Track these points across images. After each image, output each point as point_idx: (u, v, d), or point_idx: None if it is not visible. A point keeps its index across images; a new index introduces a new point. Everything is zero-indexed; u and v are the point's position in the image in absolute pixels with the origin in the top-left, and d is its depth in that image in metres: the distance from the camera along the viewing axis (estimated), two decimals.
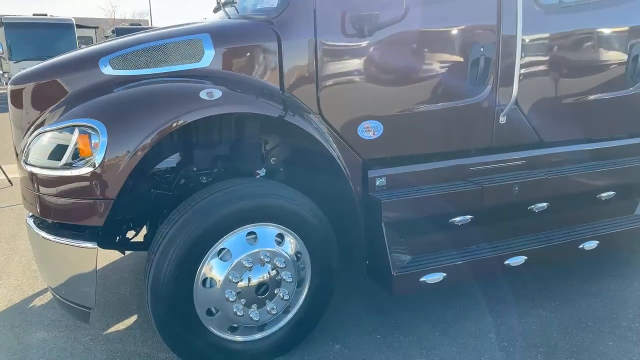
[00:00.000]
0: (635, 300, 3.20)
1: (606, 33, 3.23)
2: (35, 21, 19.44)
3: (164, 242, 2.32)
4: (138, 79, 2.39)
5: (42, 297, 3.47)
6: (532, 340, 2.78)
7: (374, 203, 2.75)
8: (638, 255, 3.79)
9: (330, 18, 2.57)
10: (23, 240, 4.49)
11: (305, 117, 2.59)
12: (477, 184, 2.92)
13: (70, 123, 2.26)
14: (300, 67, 2.60)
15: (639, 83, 3.37)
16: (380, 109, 2.78)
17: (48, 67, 2.64)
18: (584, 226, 3.24)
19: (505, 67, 2.90)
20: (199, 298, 2.38)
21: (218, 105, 2.29)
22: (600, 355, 2.64)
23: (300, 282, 2.63)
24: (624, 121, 3.46)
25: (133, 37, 2.65)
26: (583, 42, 3.16)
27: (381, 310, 3.13)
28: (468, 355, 2.67)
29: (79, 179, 2.28)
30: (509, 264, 2.92)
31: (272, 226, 2.49)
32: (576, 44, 3.14)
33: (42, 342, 2.90)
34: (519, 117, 3.05)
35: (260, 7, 2.73)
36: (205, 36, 2.48)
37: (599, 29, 3.20)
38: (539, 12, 2.96)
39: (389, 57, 2.72)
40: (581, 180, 3.18)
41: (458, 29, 2.84)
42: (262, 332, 2.59)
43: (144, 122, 2.24)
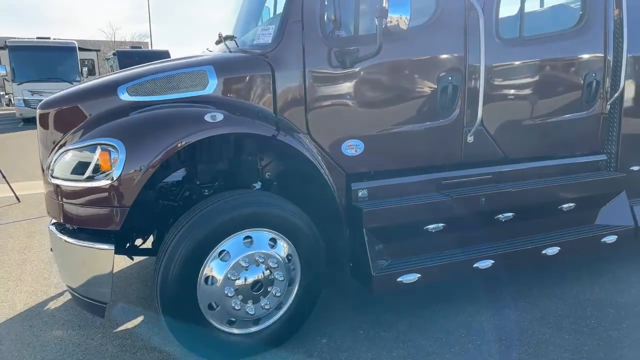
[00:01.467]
0: (593, 301, 3.54)
1: (562, 63, 3.66)
2: (38, 44, 19.99)
3: (172, 245, 2.67)
4: (152, 104, 2.78)
5: (55, 301, 3.79)
6: (498, 335, 3.12)
7: (356, 212, 3.12)
8: (598, 261, 4.14)
9: (316, 53, 2.98)
10: (34, 252, 4.82)
11: (295, 137, 2.98)
12: (447, 196, 3.30)
13: (93, 142, 2.64)
14: (291, 93, 3.00)
15: (593, 107, 3.78)
16: (361, 130, 3.17)
17: (71, 94, 3.03)
18: (547, 234, 3.60)
19: (471, 93, 3.31)
20: (201, 294, 2.72)
21: (220, 127, 2.68)
22: (557, 346, 2.98)
23: (291, 281, 2.98)
24: (581, 140, 3.86)
25: (147, 68, 3.05)
26: (541, 70, 3.58)
27: (365, 308, 3.47)
28: (440, 348, 3.00)
29: (99, 190, 2.65)
30: (477, 267, 3.27)
31: (266, 231, 2.85)
32: (534, 72, 3.56)
33: (59, 339, 3.22)
34: (484, 136, 3.45)
35: (257, 43, 3.15)
36: (209, 68, 2.90)
37: (556, 59, 3.62)
38: (500, 44, 3.38)
39: (368, 85, 3.13)
40: (543, 192, 3.56)
41: (429, 60, 3.26)
42: (257, 325, 2.92)
43: (157, 141, 2.62)
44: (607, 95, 3.81)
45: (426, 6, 3.31)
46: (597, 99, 3.76)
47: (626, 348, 2.95)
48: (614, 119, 3.91)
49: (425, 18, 3.29)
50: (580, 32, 3.69)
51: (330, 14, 3.02)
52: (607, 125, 3.91)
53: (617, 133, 3.92)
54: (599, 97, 3.77)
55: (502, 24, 3.42)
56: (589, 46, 3.72)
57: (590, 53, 3.72)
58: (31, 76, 18.62)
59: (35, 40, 20.77)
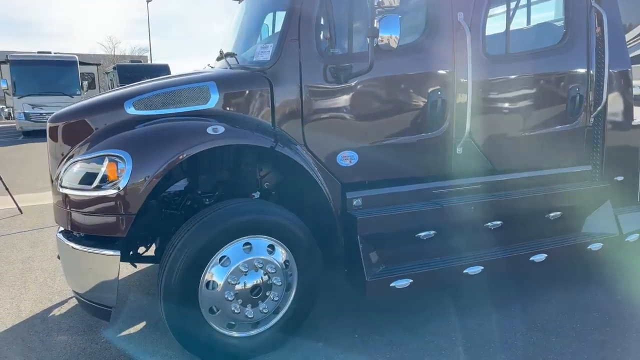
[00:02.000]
0: (580, 306, 3.67)
1: (547, 78, 3.84)
2: (39, 58, 20.27)
3: (175, 251, 2.81)
4: (157, 118, 2.94)
5: (59, 307, 3.90)
6: (487, 338, 3.24)
7: (351, 220, 3.27)
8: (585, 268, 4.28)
9: (312, 69, 3.16)
10: (37, 262, 4.94)
11: (292, 148, 3.13)
12: (438, 204, 3.45)
13: (101, 153, 2.79)
14: (289, 107, 3.17)
15: (578, 120, 3.96)
16: (355, 141, 3.33)
17: (80, 108, 3.20)
18: (535, 241, 3.74)
19: (459, 107, 3.48)
20: (203, 298, 2.85)
21: (221, 139, 2.84)
22: (543, 349, 3.11)
23: (289, 286, 3.11)
24: (567, 152, 4.02)
25: (153, 84, 3.22)
26: (526, 85, 3.75)
27: (360, 313, 3.60)
28: (432, 351, 3.13)
29: (107, 199, 2.79)
30: (467, 273, 3.41)
31: (264, 238, 2.99)
32: (520, 87, 3.73)
33: (63, 343, 3.33)
34: (473, 148, 3.61)
35: (256, 60, 3.32)
36: (211, 83, 3.07)
37: (541, 74, 3.80)
38: (487, 60, 3.56)
39: (361, 100, 3.30)
40: (530, 202, 3.71)
41: (419, 76, 3.43)
42: (256, 329, 3.05)
43: (161, 153, 2.77)
44: (590, 109, 3.98)
45: (417, 25, 3.51)
46: (581, 112, 3.94)
47: (609, 350, 3.08)
48: (598, 131, 4.08)
49: (416, 36, 3.48)
50: (564, 49, 3.88)
51: (326, 33, 3.20)
52: (592, 137, 4.08)
53: (601, 145, 4.08)
54: (583, 110, 3.95)
55: (489, 42, 3.61)
56: (573, 62, 3.90)
57: (574, 68, 3.90)
58: (32, 90, 18.86)
59: (36, 54, 21.07)
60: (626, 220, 4.07)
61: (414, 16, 3.68)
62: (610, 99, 3.98)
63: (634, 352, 3.05)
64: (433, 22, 3.42)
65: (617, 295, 3.84)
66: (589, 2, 3.90)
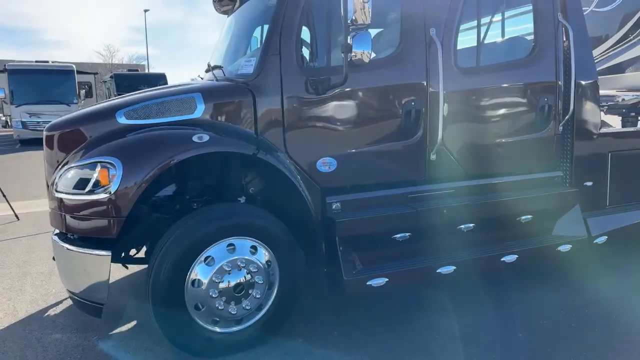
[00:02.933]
0: (548, 305, 3.87)
1: (516, 88, 4.08)
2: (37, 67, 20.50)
3: (162, 251, 3.01)
4: (147, 127, 3.15)
5: (55, 308, 4.08)
6: (459, 335, 3.43)
7: (330, 222, 3.47)
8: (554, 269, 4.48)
9: (293, 81, 3.38)
10: (34, 266, 5.12)
11: (274, 155, 3.35)
12: (413, 208, 3.66)
13: (94, 160, 3.00)
14: (271, 117, 3.38)
15: (547, 128, 4.19)
16: (334, 149, 3.54)
17: (75, 118, 3.41)
18: (506, 243, 3.95)
19: (432, 116, 3.71)
20: (188, 295, 3.05)
21: (206, 146, 3.05)
22: (510, 344, 3.30)
23: (271, 285, 3.31)
24: (538, 158, 4.24)
25: (143, 95, 3.44)
26: (497, 95, 3.99)
27: (341, 312, 3.79)
28: (406, 346, 3.31)
29: (99, 203, 2.99)
30: (440, 272, 3.61)
31: (247, 239, 3.19)
32: (491, 97, 3.96)
33: (58, 341, 3.51)
34: (446, 154, 3.83)
35: (240, 73, 3.55)
36: (197, 95, 3.29)
37: (510, 85, 4.04)
38: (458, 73, 3.79)
39: (340, 110, 3.52)
40: (501, 205, 3.92)
41: (394, 87, 3.66)
42: (239, 325, 3.23)
43: (150, 159, 2.98)
44: (559, 118, 4.21)
45: (392, 40, 3.74)
46: (550, 121, 4.17)
47: (570, 342, 3.28)
48: (566, 139, 4.31)
49: (391, 50, 3.71)
50: (533, 61, 4.12)
51: (305, 48, 3.43)
52: (561, 144, 4.31)
53: (570, 152, 4.31)
54: (552, 119, 4.18)
55: (461, 55, 3.84)
56: (541, 73, 4.14)
57: (543, 80, 4.14)
58: (29, 99, 19.08)
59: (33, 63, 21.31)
60: (595, 223, 4.29)
61: (390, 31, 3.93)
62: (577, 109, 4.22)
63: (590, 344, 3.26)
64: (407, 37, 3.66)
65: (584, 294, 4.04)
66: (556, 17, 4.14)
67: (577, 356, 3.14)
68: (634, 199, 4.63)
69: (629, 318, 3.62)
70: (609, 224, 4.37)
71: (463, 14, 3.83)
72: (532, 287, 4.20)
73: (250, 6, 4.03)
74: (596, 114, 4.38)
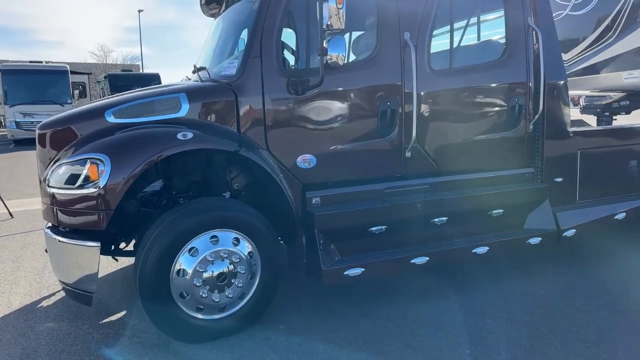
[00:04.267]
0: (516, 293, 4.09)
1: (488, 89, 4.29)
2: (31, 68, 20.59)
3: (149, 242, 3.20)
4: (134, 125, 3.34)
5: (47, 300, 4.26)
6: (430, 320, 3.64)
7: (309, 216, 3.67)
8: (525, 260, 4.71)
9: (273, 82, 3.57)
10: (27, 261, 5.28)
11: (256, 152, 3.54)
12: (389, 202, 3.86)
13: (84, 156, 3.18)
14: (252, 116, 3.58)
15: (518, 127, 4.40)
16: (313, 146, 3.73)
17: (66, 117, 3.59)
18: (478, 236, 4.16)
19: (407, 116, 3.91)
20: (174, 284, 3.23)
21: (189, 144, 3.24)
22: (477, 329, 3.51)
23: (253, 275, 3.50)
24: (509, 156, 4.44)
25: (131, 95, 3.63)
26: (469, 96, 4.19)
27: (320, 300, 3.99)
28: (380, 331, 3.51)
29: (88, 197, 3.18)
30: (414, 263, 3.81)
31: (230, 232, 3.38)
32: (464, 97, 4.17)
33: (51, 329, 3.69)
34: (420, 152, 4.03)
35: (223, 74, 3.74)
36: (182, 95, 3.48)
37: (482, 86, 4.25)
38: (431, 74, 4.00)
39: (319, 109, 3.71)
40: (473, 200, 4.13)
41: (371, 88, 3.86)
42: (223, 312, 3.42)
43: (136, 156, 3.17)
44: (530, 117, 4.43)
45: (368, 43, 3.95)
46: (520, 120, 4.38)
47: (534, 329, 3.50)
48: (537, 137, 4.52)
49: (368, 53, 3.92)
50: (504, 63, 4.33)
51: (286, 50, 3.63)
52: (532, 142, 4.52)
53: (540, 149, 4.52)
54: (523, 118, 4.39)
55: (434, 57, 4.05)
56: (512, 75, 4.35)
57: (513, 80, 4.35)
58: (23, 99, 19.18)
59: (27, 64, 21.39)
60: (564, 217, 4.50)
61: (367, 35, 4.13)
62: (547, 108, 4.43)
63: (554, 330, 3.47)
64: (383, 41, 3.85)
65: (552, 284, 4.26)
66: (526, 22, 4.36)
67: (541, 340, 3.35)
68: (602, 194, 4.85)
69: (591, 305, 3.85)
70: (577, 218, 4.58)
71: (436, 19, 4.03)
72: (502, 277, 4.41)
73: (235, 10, 4.22)
74: (565, 113, 4.59)
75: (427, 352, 3.23)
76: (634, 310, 3.76)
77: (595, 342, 3.31)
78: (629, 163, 4.95)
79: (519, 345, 3.29)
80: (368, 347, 3.31)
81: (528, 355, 3.17)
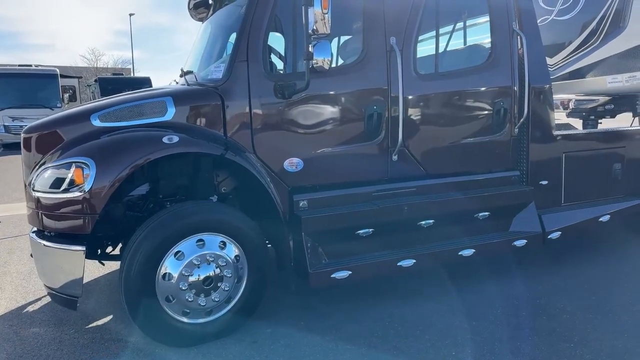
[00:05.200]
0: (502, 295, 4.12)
1: (474, 93, 4.33)
2: (20, 71, 20.42)
3: (135, 245, 3.19)
4: (120, 129, 3.34)
5: (33, 305, 4.22)
6: (415, 322, 3.66)
7: (296, 219, 3.68)
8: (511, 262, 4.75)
9: (260, 86, 3.59)
10: (14, 266, 5.24)
11: (242, 156, 3.55)
12: (376, 205, 3.88)
13: (69, 160, 3.18)
14: (239, 119, 3.59)
15: (503, 130, 4.45)
16: (300, 150, 3.75)
17: (51, 121, 3.58)
18: (464, 238, 4.19)
19: (393, 119, 3.94)
20: (159, 288, 3.23)
21: (175, 147, 3.24)
22: (463, 330, 3.54)
23: (239, 278, 3.50)
24: (495, 159, 4.49)
25: (117, 99, 3.63)
26: (455, 100, 4.24)
27: (307, 303, 4.00)
28: (366, 334, 3.53)
29: (73, 201, 3.17)
30: (401, 265, 3.84)
31: (217, 235, 3.38)
32: (449, 101, 4.22)
33: (36, 334, 3.66)
34: (406, 155, 4.06)
35: (210, 78, 3.76)
36: (168, 98, 3.48)
37: (468, 90, 4.30)
38: (417, 78, 4.04)
39: (305, 113, 3.73)
40: (459, 203, 4.16)
41: (357, 92, 3.89)
42: (209, 316, 3.42)
43: (122, 160, 3.16)
44: (515, 120, 4.48)
45: (355, 47, 3.98)
46: (506, 123, 4.43)
47: (519, 330, 3.53)
48: (522, 140, 4.57)
49: (355, 57, 3.95)
50: (489, 67, 4.38)
51: (273, 55, 3.65)
52: (517, 145, 4.57)
53: (526, 152, 4.57)
54: (508, 122, 4.44)
55: (420, 62, 4.09)
56: (497, 79, 4.40)
57: (499, 85, 4.41)
58: (12, 102, 18.98)
59: (17, 67, 21.21)
60: (549, 220, 4.56)
61: (354, 40, 4.17)
62: (532, 112, 4.49)
63: (539, 331, 3.51)
64: (369, 46, 3.89)
65: (538, 286, 4.30)
66: (511, 27, 4.42)
67: (527, 341, 3.38)
68: (587, 197, 4.92)
69: (576, 307, 3.89)
70: (562, 220, 4.63)
71: (422, 24, 4.07)
72: (488, 279, 4.44)
73: (222, 14, 4.24)
74: (550, 116, 4.66)
75: (413, 354, 3.24)
76: (618, 311, 3.81)
77: (579, 343, 3.34)
78: (613, 166, 5.03)
79: (504, 346, 3.31)
80: (355, 349, 3.32)
81: (513, 356, 3.20)
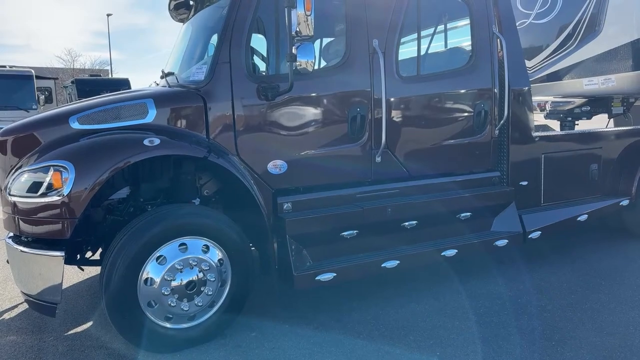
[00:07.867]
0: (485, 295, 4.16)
1: (455, 95, 4.38)
2: None
3: (115, 250, 3.13)
4: (99, 132, 3.27)
5: (9, 312, 4.11)
6: (400, 324, 3.68)
7: (280, 222, 3.66)
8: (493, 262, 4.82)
9: (243, 88, 3.56)
10: None
11: (225, 158, 3.51)
12: (360, 207, 3.89)
13: (47, 164, 3.10)
14: (221, 121, 3.55)
15: (484, 132, 4.51)
16: (284, 152, 3.73)
17: (28, 123, 3.48)
18: (447, 239, 4.23)
19: (376, 121, 3.96)
20: (141, 293, 3.17)
21: (157, 150, 3.19)
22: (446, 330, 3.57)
23: (223, 282, 3.46)
24: (476, 160, 4.55)
25: (96, 100, 3.56)
26: (436, 102, 4.28)
27: (291, 306, 3.98)
28: (351, 335, 3.53)
29: (51, 205, 3.09)
30: (385, 266, 3.85)
31: (199, 239, 3.33)
32: (431, 103, 4.26)
33: (14, 343, 3.56)
34: (390, 157, 4.08)
35: (192, 79, 3.71)
36: (149, 100, 3.43)
37: (449, 92, 4.35)
38: (399, 81, 4.06)
39: (289, 115, 3.72)
40: (442, 204, 4.20)
41: (341, 94, 3.89)
42: (192, 321, 3.37)
43: (102, 163, 3.10)
44: (495, 122, 4.55)
45: (338, 49, 3.99)
46: (486, 125, 4.49)
47: (502, 329, 3.58)
48: (503, 141, 4.64)
49: (337, 59, 3.95)
50: (470, 70, 4.44)
51: (256, 56, 3.62)
52: (498, 147, 4.64)
53: (506, 153, 4.65)
54: (489, 123, 4.50)
55: (402, 65, 4.12)
56: (478, 81, 4.46)
57: (479, 87, 4.46)
58: None
59: None
60: (529, 220, 4.64)
61: (337, 42, 4.17)
62: (512, 114, 4.56)
63: (522, 330, 3.56)
64: (352, 48, 3.90)
65: (520, 285, 4.37)
66: (491, 30, 4.48)
67: (509, 339, 3.43)
68: (566, 197, 5.02)
69: (556, 305, 3.96)
70: (542, 220, 4.72)
71: (404, 27, 4.10)
72: (470, 279, 4.49)
73: (204, 15, 4.20)
74: (530, 118, 4.74)
75: (398, 355, 3.26)
76: (597, 309, 3.89)
77: (559, 341, 3.40)
78: (590, 167, 5.15)
79: (487, 345, 3.35)
80: (340, 351, 3.31)
81: (496, 355, 3.23)
